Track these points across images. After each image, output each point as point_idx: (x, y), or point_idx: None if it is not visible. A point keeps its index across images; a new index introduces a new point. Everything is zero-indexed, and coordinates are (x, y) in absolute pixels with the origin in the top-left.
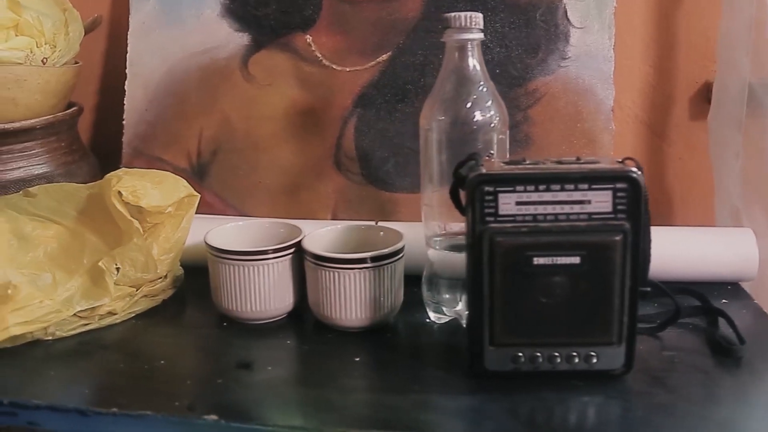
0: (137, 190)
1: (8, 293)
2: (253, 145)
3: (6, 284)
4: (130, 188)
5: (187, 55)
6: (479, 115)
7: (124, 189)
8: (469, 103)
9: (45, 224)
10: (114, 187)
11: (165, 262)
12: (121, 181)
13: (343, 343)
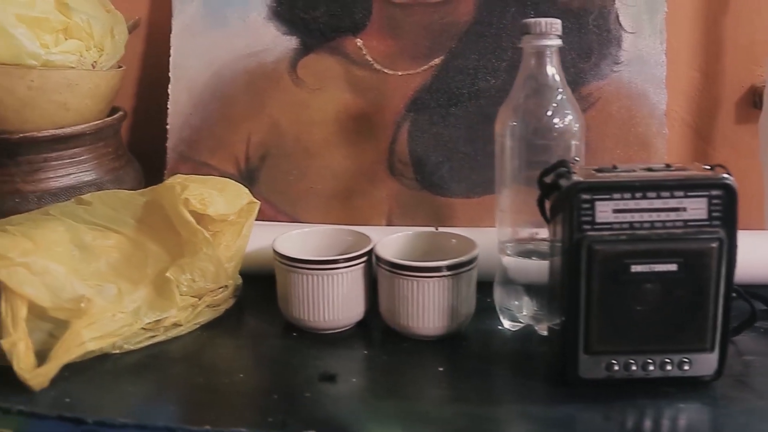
0: (204, 198)
1: (81, 307)
2: (303, 150)
3: (79, 297)
4: (197, 196)
5: (234, 58)
6: (559, 122)
7: (193, 197)
8: (550, 111)
9: (104, 233)
10: (181, 194)
11: (227, 270)
12: (187, 188)
13: (421, 352)
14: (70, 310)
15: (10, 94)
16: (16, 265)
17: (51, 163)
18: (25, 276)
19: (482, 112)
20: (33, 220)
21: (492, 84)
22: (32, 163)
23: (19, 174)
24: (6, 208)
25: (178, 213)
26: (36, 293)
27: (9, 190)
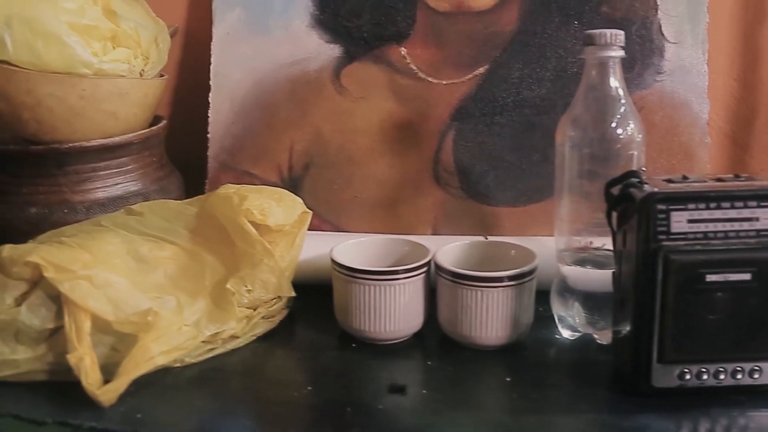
0: (264, 209)
1: (148, 320)
2: (347, 159)
3: (147, 311)
4: (257, 207)
5: (276, 66)
6: (623, 133)
7: (253, 207)
8: (614, 122)
9: (159, 244)
10: (241, 205)
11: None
12: (247, 199)
13: (484, 362)
14: (136, 324)
15: (62, 103)
16: (78, 278)
17: (99, 173)
18: (87, 289)
19: (527, 121)
20: (87, 231)
21: (536, 93)
22: (80, 173)
23: (67, 184)
24: (55, 218)
25: (238, 224)
26: (99, 307)
27: (57, 200)
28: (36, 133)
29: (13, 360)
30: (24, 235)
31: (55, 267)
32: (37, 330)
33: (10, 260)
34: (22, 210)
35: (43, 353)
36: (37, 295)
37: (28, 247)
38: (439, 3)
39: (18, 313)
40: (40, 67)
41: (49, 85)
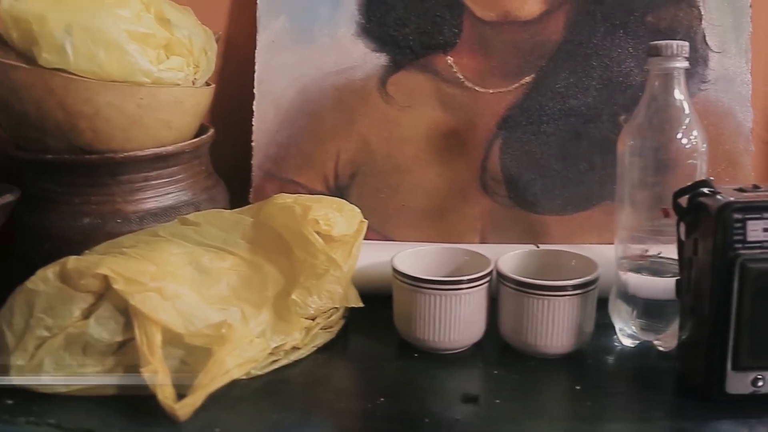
0: (330, 219)
1: (222, 333)
2: (394, 168)
3: (220, 323)
4: (323, 217)
5: (321, 74)
6: (687, 143)
7: (320, 218)
8: (679, 132)
9: (220, 255)
10: (306, 215)
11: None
12: (311, 209)
13: (550, 370)
14: (208, 337)
15: (120, 112)
16: (148, 291)
17: (151, 182)
18: (157, 302)
19: (573, 130)
20: (147, 242)
21: (582, 102)
22: (133, 182)
23: (120, 194)
24: (108, 229)
25: (301, 234)
26: (170, 319)
27: (110, 210)
28: (92, 142)
29: (83, 374)
30: (77, 246)
31: (125, 279)
32: (106, 343)
33: (77, 272)
34: (75, 220)
35: (111, 367)
36: (105, 307)
37: (93, 259)
38: (485, 12)
39: (86, 326)
40: (101, 76)
41: (108, 94)
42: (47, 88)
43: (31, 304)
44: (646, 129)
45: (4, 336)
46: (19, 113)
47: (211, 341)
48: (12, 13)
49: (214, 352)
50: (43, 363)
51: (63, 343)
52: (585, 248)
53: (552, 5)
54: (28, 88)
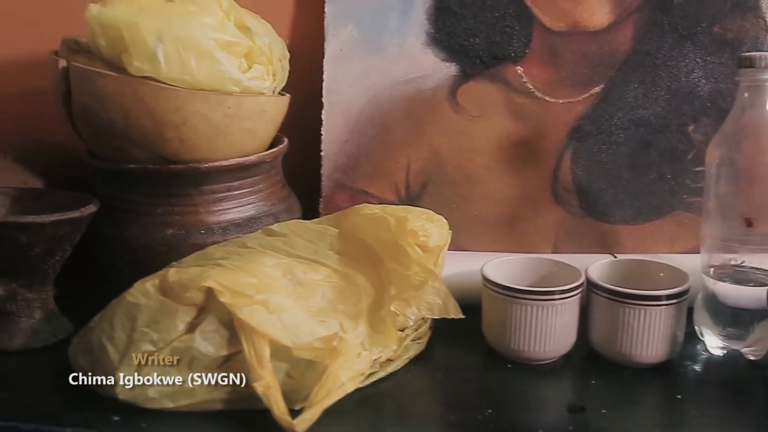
0: (426, 229)
1: (334, 346)
2: (465, 178)
3: (332, 336)
4: (420, 228)
5: (391, 84)
6: None
7: (418, 228)
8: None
9: (311, 266)
10: (405, 226)
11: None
12: (409, 220)
13: (646, 380)
14: (318, 350)
15: (207, 121)
16: (255, 304)
17: (233, 192)
18: (264, 314)
19: (642, 139)
20: (239, 254)
21: (651, 112)
22: (216, 192)
23: (203, 204)
24: (192, 240)
25: (397, 245)
26: (277, 332)
27: (194, 221)
28: (177, 152)
29: (189, 389)
30: (160, 257)
31: (231, 292)
32: (212, 357)
33: (181, 285)
34: (157, 231)
35: (216, 382)
36: (210, 320)
37: (195, 271)
38: (554, 23)
39: (192, 340)
40: (191, 84)
41: (197, 103)
42: (136, 97)
43: (133, 317)
44: (734, 140)
45: (105, 350)
46: (104, 122)
47: (321, 354)
48: (101, 20)
49: (326, 365)
50: (148, 378)
51: (169, 358)
52: (661, 258)
53: (620, 16)
54: (116, 97)
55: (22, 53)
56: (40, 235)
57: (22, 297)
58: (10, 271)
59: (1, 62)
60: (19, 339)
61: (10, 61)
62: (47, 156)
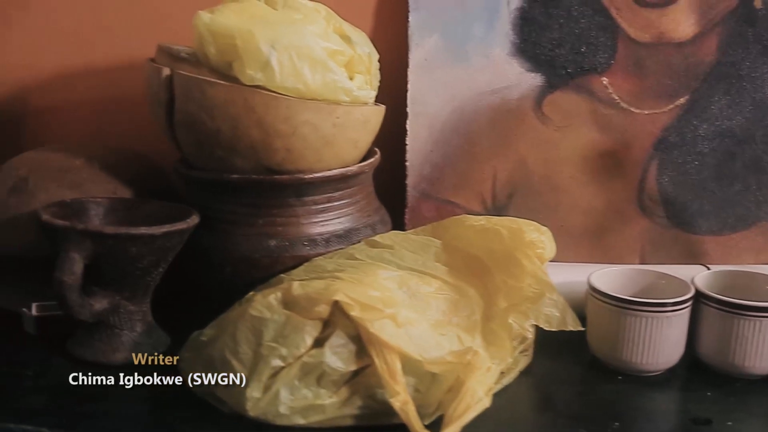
0: (543, 242)
1: (468, 360)
2: (551, 188)
3: (466, 350)
4: (538, 240)
5: (476, 94)
6: None
7: (537, 241)
8: None
9: (424, 279)
10: (523, 238)
11: (574, 315)
12: (525, 232)
13: (760, 391)
14: (451, 364)
15: (316, 131)
16: (384, 317)
17: (333, 203)
18: (392, 328)
19: (727, 150)
20: (353, 266)
21: (736, 123)
22: (318, 203)
23: (305, 215)
24: (295, 252)
25: (511, 257)
26: (407, 346)
27: (296, 233)
28: (282, 162)
29: (320, 405)
30: (262, 269)
31: (361, 305)
32: (341, 372)
33: (308, 298)
34: (260, 242)
35: (346, 397)
36: (338, 335)
37: (320, 285)
38: (639, 34)
39: (322, 355)
40: (302, 94)
41: (308, 113)
42: (247, 106)
43: (258, 332)
44: None
45: (231, 366)
46: (210, 131)
47: (453, 369)
48: (212, 27)
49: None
50: (279, 394)
51: (298, 373)
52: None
53: (705, 27)
54: (226, 106)
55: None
56: (149, 246)
57: (125, 310)
58: (115, 283)
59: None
60: (122, 353)
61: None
62: (135, 165)
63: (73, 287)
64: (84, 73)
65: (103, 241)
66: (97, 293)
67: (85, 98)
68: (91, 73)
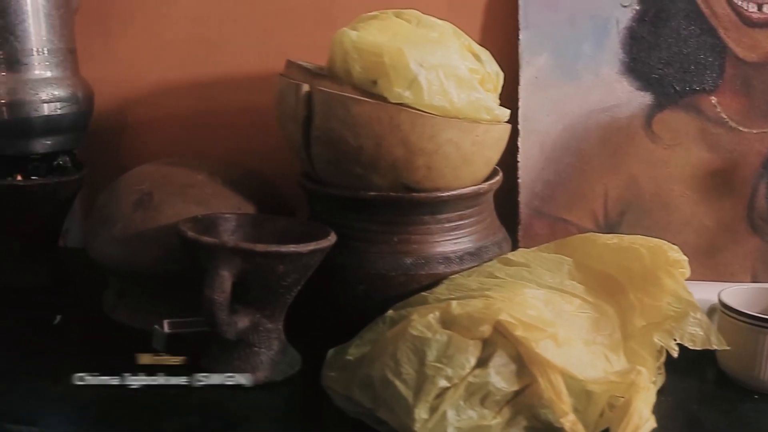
0: (685, 261)
1: (632, 379)
2: (663, 206)
3: (630, 370)
4: (680, 259)
5: (586, 112)
6: None
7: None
8: None
9: (564, 297)
10: (667, 258)
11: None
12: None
13: None
14: (614, 383)
15: (457, 149)
16: (547, 337)
17: (464, 221)
18: (553, 348)
19: None
20: (498, 285)
21: None
22: (450, 221)
23: (438, 233)
24: (430, 269)
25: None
26: (569, 366)
27: (431, 250)
28: (422, 180)
29: (486, 426)
30: (399, 287)
31: (524, 325)
32: (505, 392)
33: (471, 318)
34: (396, 260)
35: (509, 417)
36: (500, 354)
37: (479, 304)
38: (747, 53)
39: (487, 375)
40: (448, 112)
41: (452, 131)
42: (392, 124)
43: (421, 352)
44: None
45: (393, 386)
46: (352, 148)
47: (617, 388)
48: (358, 45)
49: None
50: (446, 415)
51: (463, 394)
52: None
53: None
54: (371, 123)
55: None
56: (295, 264)
57: (264, 328)
58: (258, 301)
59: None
60: (263, 372)
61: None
62: (254, 180)
63: (223, 305)
64: (184, 86)
65: (252, 259)
66: (240, 311)
67: (185, 112)
68: (191, 87)
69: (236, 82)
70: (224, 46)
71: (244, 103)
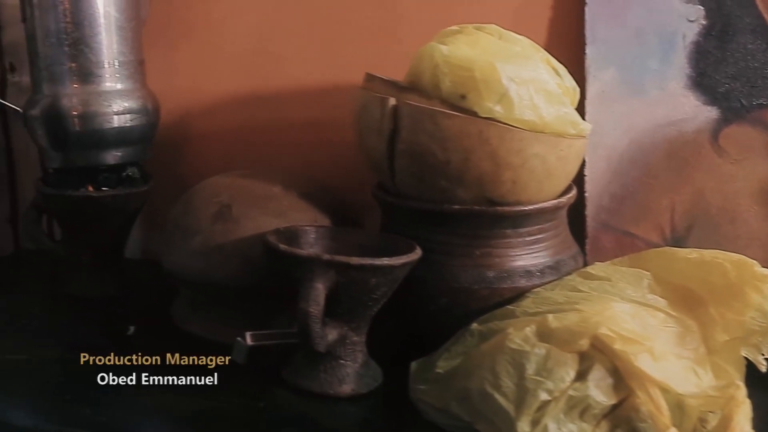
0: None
1: (731, 394)
2: (730, 221)
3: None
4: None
5: (653, 126)
6: None
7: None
8: None
9: (647, 311)
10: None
11: None
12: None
13: None
14: (712, 398)
15: (543, 163)
16: (645, 351)
17: (543, 234)
18: (650, 361)
19: None
20: (585, 299)
21: None
22: (531, 234)
23: (519, 246)
24: (512, 283)
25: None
26: (666, 379)
27: (512, 264)
28: (506, 194)
29: None
30: (481, 300)
31: (622, 339)
32: (604, 406)
33: (569, 332)
34: (479, 273)
35: (607, 431)
36: (597, 368)
37: (576, 317)
38: None
39: (586, 388)
40: (536, 127)
41: (539, 145)
42: (481, 138)
43: (520, 365)
44: None
45: (492, 399)
46: (439, 162)
47: (714, 403)
48: (450, 59)
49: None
50: (547, 428)
51: (564, 407)
52: None
53: None
54: (460, 137)
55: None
56: (387, 277)
57: (350, 341)
58: (346, 314)
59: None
60: (349, 384)
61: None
62: (327, 193)
63: (317, 318)
64: (243, 99)
65: (346, 272)
66: (328, 324)
67: (245, 125)
68: (250, 100)
69: (297, 95)
70: (285, 60)
71: (305, 116)
